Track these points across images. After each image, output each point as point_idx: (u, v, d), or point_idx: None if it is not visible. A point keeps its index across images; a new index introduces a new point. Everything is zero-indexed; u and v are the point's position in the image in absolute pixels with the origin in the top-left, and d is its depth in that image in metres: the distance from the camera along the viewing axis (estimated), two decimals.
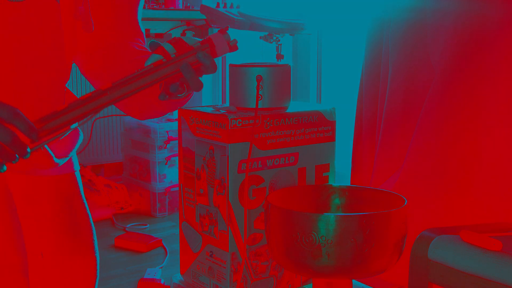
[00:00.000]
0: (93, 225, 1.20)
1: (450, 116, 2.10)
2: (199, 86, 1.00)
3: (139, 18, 1.19)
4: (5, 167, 0.87)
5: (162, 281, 2.52)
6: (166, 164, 3.62)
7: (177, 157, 2.93)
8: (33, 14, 1.02)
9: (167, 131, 3.62)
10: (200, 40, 1.02)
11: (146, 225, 3.38)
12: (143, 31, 1.19)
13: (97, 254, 1.20)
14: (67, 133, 0.93)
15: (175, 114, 4.00)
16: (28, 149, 0.86)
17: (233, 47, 1.02)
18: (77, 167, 1.19)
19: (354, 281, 1.28)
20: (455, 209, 2.08)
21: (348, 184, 2.42)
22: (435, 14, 2.17)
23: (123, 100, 1.10)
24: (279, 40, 3.03)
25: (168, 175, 3.63)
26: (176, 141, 3.61)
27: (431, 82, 2.16)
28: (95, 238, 1.20)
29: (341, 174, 2.63)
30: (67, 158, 1.14)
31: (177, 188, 3.55)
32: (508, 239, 1.63)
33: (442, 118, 2.12)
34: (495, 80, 2.01)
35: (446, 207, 2.10)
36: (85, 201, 1.19)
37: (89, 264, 1.18)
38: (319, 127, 1.29)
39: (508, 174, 1.98)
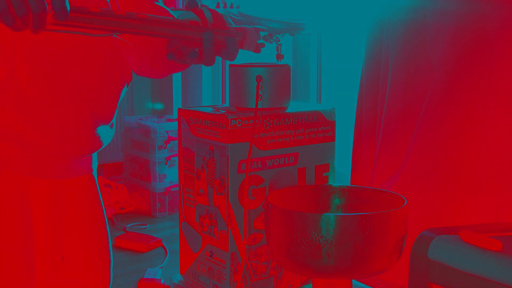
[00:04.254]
0: (107, 226, 1.20)
1: (450, 116, 2.10)
2: (211, 61, 0.99)
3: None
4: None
5: (162, 281, 2.52)
6: (166, 164, 3.62)
7: (177, 157, 2.93)
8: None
9: (167, 131, 3.62)
10: (236, 26, 1.01)
11: (146, 225, 3.38)
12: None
13: (111, 255, 1.21)
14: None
15: (175, 114, 4.00)
16: (45, 27, 0.82)
17: (258, 49, 1.03)
18: (95, 167, 1.19)
19: (354, 281, 1.28)
20: (455, 209, 2.08)
21: (348, 184, 2.42)
22: (435, 14, 2.17)
23: (138, 50, 1.09)
24: (279, 40, 3.03)
25: (168, 175, 3.63)
26: (176, 141, 3.61)
27: (431, 82, 2.16)
28: (109, 238, 1.20)
29: (341, 174, 2.63)
30: (102, 147, 1.14)
31: (177, 188, 3.55)
32: (508, 239, 1.63)
33: (442, 118, 2.12)
34: (495, 80, 2.01)
35: (446, 207, 2.10)
36: (101, 201, 1.19)
37: (105, 265, 1.18)
38: (319, 127, 1.29)
39: (508, 174, 1.98)
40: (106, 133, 1.14)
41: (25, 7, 0.78)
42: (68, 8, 0.82)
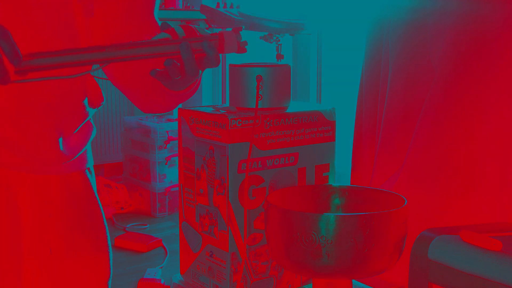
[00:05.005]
0: (105, 222, 1.20)
1: (450, 116, 2.10)
2: (194, 71, 0.98)
3: (156, 13, 1.18)
4: None
5: (162, 281, 2.52)
6: (166, 164, 3.62)
7: (177, 157, 2.93)
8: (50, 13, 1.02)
9: (167, 131, 3.62)
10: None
11: (146, 225, 3.38)
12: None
13: (110, 251, 1.20)
14: (49, 78, 0.92)
15: (175, 114, 4.00)
16: (9, 76, 0.84)
17: (242, 48, 1.01)
18: (90, 163, 1.19)
19: (354, 281, 1.28)
20: (455, 209, 2.08)
21: (348, 184, 2.42)
22: (435, 14, 2.17)
23: (130, 88, 1.10)
24: (279, 40, 3.03)
25: (168, 175, 3.63)
26: (176, 141, 3.61)
27: (431, 82, 2.17)
28: (107, 234, 1.20)
29: (341, 174, 2.63)
30: (79, 153, 1.14)
31: (177, 188, 3.55)
32: (508, 239, 1.63)
33: (442, 118, 2.12)
34: (495, 80, 2.01)
35: (446, 207, 2.10)
36: (97, 198, 1.19)
37: (100, 261, 1.18)
38: (319, 127, 1.29)
39: (508, 174, 1.98)
40: (76, 141, 1.14)
41: None
42: (19, 52, 0.83)
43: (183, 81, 1.05)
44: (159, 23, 1.17)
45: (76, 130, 1.13)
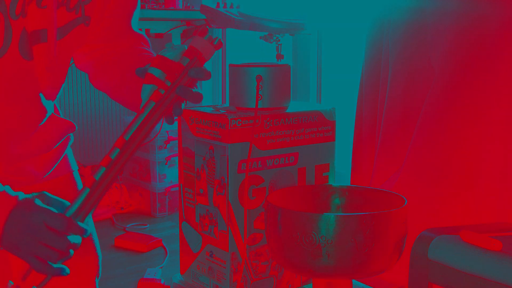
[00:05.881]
0: (92, 224, 1.20)
1: (450, 116, 2.10)
2: (199, 98, 0.99)
3: (134, 26, 1.18)
4: (67, 269, 0.93)
5: (162, 281, 2.52)
6: (166, 164, 3.62)
7: (177, 157, 2.94)
8: (6, 71, 1.03)
9: (167, 131, 3.62)
10: (183, 48, 0.99)
11: (146, 225, 3.38)
12: (143, 32, 1.19)
13: (99, 253, 1.20)
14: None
15: None
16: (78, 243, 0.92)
17: (217, 45, 1.00)
18: (74, 167, 1.19)
19: (354, 281, 1.28)
20: (455, 209, 2.08)
21: (348, 184, 2.42)
22: (435, 14, 2.17)
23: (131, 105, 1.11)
24: (279, 40, 3.03)
25: (168, 175, 3.63)
26: (176, 141, 3.61)
27: (431, 82, 2.16)
28: (95, 237, 1.19)
29: (341, 174, 2.63)
30: (55, 165, 1.14)
31: (177, 188, 3.55)
32: (508, 239, 1.63)
33: (442, 118, 2.12)
34: (495, 80, 2.01)
35: (446, 207, 2.10)
36: None
37: (87, 263, 1.17)
38: (319, 127, 1.29)
39: (508, 174, 1.98)
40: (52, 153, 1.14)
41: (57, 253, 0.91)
42: (82, 227, 0.92)
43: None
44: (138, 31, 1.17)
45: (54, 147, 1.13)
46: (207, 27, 1.00)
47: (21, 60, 1.03)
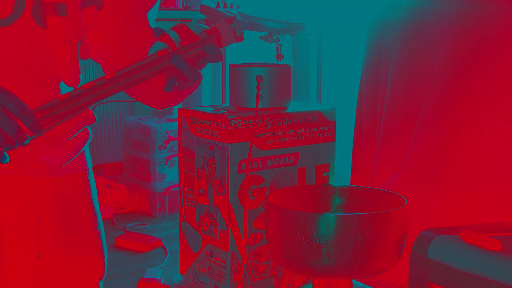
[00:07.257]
0: (101, 224, 1.19)
1: (450, 116, 2.10)
2: (197, 77, 0.99)
3: (151, 20, 1.18)
4: (7, 157, 0.89)
5: (162, 281, 2.52)
6: (166, 164, 3.62)
7: (177, 157, 2.94)
8: (19, 38, 1.02)
9: (167, 131, 3.62)
10: (206, 28, 1.01)
11: (146, 225, 3.38)
12: None
13: (105, 252, 1.20)
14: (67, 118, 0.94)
15: (175, 114, 4.00)
16: (28, 139, 0.88)
17: (239, 37, 1.01)
18: (90, 165, 1.18)
19: (354, 281, 1.28)
20: (455, 209, 2.08)
21: (348, 184, 2.42)
22: (435, 14, 2.17)
23: (137, 91, 1.10)
24: (279, 40, 3.03)
25: (168, 175, 3.63)
26: (176, 141, 3.61)
27: (431, 83, 2.17)
28: (102, 237, 1.19)
29: (341, 174, 2.63)
30: (77, 155, 1.14)
31: (177, 188, 3.55)
32: (508, 239, 1.63)
33: (442, 118, 2.12)
34: (495, 80, 2.01)
35: (446, 207, 2.10)
36: (94, 199, 1.18)
37: (94, 263, 1.17)
38: (319, 127, 1.29)
39: (508, 174, 1.98)
40: (71, 144, 1.13)
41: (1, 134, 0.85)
42: (36, 119, 0.87)
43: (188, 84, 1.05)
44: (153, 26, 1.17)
45: (74, 136, 1.13)
46: (234, 20, 1.02)
47: (36, 27, 1.03)
